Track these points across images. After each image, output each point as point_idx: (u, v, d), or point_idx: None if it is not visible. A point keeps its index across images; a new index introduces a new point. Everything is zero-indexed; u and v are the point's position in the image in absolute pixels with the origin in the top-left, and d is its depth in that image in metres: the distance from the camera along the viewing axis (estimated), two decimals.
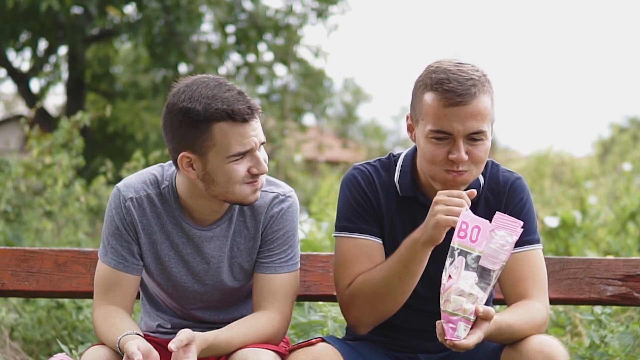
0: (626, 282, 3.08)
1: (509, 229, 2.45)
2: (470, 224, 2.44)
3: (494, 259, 2.43)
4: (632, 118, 25.67)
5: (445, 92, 2.53)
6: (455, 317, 2.38)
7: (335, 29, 15.84)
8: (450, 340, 2.38)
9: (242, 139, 2.55)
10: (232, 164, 2.56)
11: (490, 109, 2.59)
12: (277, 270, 2.70)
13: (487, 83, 2.59)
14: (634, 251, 6.63)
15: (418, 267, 2.58)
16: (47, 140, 6.55)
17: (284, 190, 2.75)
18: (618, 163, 12.13)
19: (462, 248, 2.42)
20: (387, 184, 2.74)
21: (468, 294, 2.39)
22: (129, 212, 2.67)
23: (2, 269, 3.11)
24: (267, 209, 2.71)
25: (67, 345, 3.92)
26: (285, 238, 2.71)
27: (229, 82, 2.59)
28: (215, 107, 2.52)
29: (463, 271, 2.41)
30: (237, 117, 2.53)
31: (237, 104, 2.54)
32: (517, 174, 2.77)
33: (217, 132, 2.53)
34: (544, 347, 2.50)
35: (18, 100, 18.97)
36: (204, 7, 13.77)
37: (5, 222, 6.41)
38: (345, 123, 29.37)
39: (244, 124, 2.54)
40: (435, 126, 2.56)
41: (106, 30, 14.10)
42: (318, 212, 7.36)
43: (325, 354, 2.59)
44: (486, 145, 2.60)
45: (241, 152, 2.56)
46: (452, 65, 2.57)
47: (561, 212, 7.29)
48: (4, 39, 13.33)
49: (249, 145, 2.56)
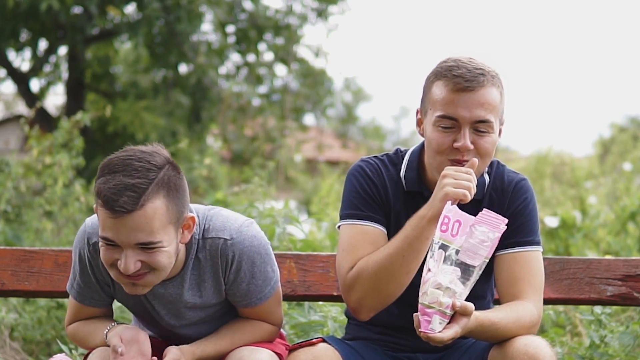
0: (626, 282, 3.08)
1: (490, 225, 2.43)
2: (452, 218, 2.44)
3: (473, 254, 2.41)
4: (633, 118, 25.68)
5: (454, 77, 2.58)
6: (430, 310, 2.37)
7: (335, 28, 15.87)
8: (424, 333, 2.37)
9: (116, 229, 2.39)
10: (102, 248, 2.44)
11: (499, 103, 2.62)
12: (259, 302, 2.64)
13: (497, 78, 2.63)
14: (634, 251, 6.63)
15: (422, 245, 2.55)
16: (47, 140, 6.55)
17: (231, 233, 2.57)
18: (618, 163, 12.13)
19: (442, 241, 2.42)
20: (394, 178, 2.74)
21: (445, 288, 2.37)
22: (94, 257, 2.59)
23: (2, 269, 3.10)
24: (220, 257, 2.57)
25: (67, 345, 3.92)
26: (250, 274, 2.59)
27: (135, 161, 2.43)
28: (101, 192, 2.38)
29: (442, 265, 2.40)
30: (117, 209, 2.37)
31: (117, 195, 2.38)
32: (523, 175, 2.77)
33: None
34: (529, 348, 2.47)
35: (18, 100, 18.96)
36: (204, 7, 13.77)
37: (5, 222, 6.41)
38: (345, 123, 29.35)
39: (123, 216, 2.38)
40: (442, 111, 2.59)
41: (106, 30, 14.09)
42: (318, 212, 7.37)
43: (325, 355, 2.59)
44: (492, 138, 2.61)
45: (105, 239, 2.42)
46: (465, 58, 2.64)
47: (561, 212, 7.30)
48: (4, 39, 13.32)
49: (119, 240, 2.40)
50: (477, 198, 2.66)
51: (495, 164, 2.77)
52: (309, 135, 16.96)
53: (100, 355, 2.57)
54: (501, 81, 2.65)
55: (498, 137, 2.65)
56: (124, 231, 2.37)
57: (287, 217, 4.52)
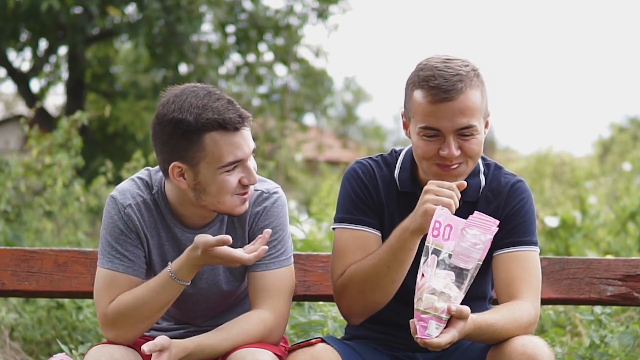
0: (626, 282, 3.08)
1: (482, 228, 2.44)
2: (443, 223, 2.44)
3: (466, 258, 2.41)
4: (632, 118, 25.67)
5: (431, 89, 2.54)
6: (426, 316, 2.37)
7: (336, 28, 15.85)
8: (421, 339, 2.37)
9: (234, 148, 2.54)
10: (224, 175, 2.55)
11: (481, 103, 2.59)
12: (268, 267, 2.68)
13: (475, 77, 2.58)
14: (634, 251, 6.63)
15: (407, 256, 2.58)
16: (47, 140, 6.55)
17: (268, 187, 2.74)
18: (618, 163, 12.13)
19: (435, 247, 2.42)
20: (388, 178, 2.75)
21: (440, 293, 2.37)
22: (130, 219, 2.65)
23: (2, 269, 3.10)
24: (251, 207, 2.69)
25: (67, 345, 3.92)
26: (272, 234, 2.67)
27: (217, 90, 2.57)
28: (206, 117, 2.50)
29: (436, 269, 2.40)
30: (228, 126, 2.52)
31: (227, 112, 2.52)
32: (520, 177, 2.77)
33: (209, 142, 2.52)
34: (527, 348, 2.47)
35: (18, 100, 18.96)
36: (204, 7, 13.78)
37: (5, 222, 6.41)
38: (345, 123, 29.34)
39: (235, 133, 2.53)
40: (423, 123, 2.57)
41: (106, 30, 14.11)
42: (318, 212, 7.37)
43: (324, 355, 2.58)
44: (478, 139, 2.60)
45: (233, 162, 2.55)
46: (440, 62, 2.58)
47: (561, 212, 7.29)
48: (5, 39, 13.34)
49: (241, 155, 2.55)
50: (472, 200, 2.68)
51: (492, 166, 2.77)
52: (309, 135, 16.94)
53: (98, 354, 2.56)
54: (480, 77, 2.61)
55: (485, 134, 2.65)
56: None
57: None
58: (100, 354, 2.55)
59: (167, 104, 2.55)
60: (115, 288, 2.62)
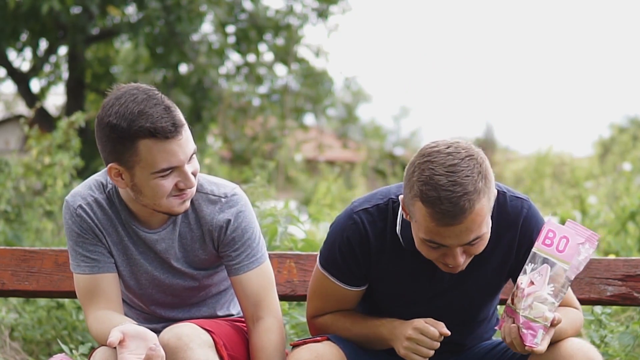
0: (626, 282, 3.08)
1: (591, 242, 2.49)
2: (557, 233, 2.47)
3: (576, 270, 2.48)
4: (632, 118, 25.66)
5: (437, 213, 2.38)
6: (537, 324, 2.43)
7: (336, 29, 15.85)
8: (529, 347, 2.42)
9: (168, 155, 2.55)
10: (158, 179, 2.57)
11: (488, 208, 2.44)
12: (249, 267, 2.73)
13: (480, 181, 2.40)
14: (634, 251, 6.62)
15: (379, 348, 2.70)
16: (47, 141, 6.56)
17: (226, 190, 2.74)
18: (618, 163, 12.12)
19: (549, 257, 2.46)
20: (384, 233, 2.64)
21: (550, 303, 2.44)
22: (83, 219, 2.69)
23: (2, 269, 3.11)
24: (216, 214, 2.71)
25: (67, 345, 3.92)
26: (244, 238, 2.72)
27: (157, 94, 2.57)
28: (139, 124, 2.52)
29: (547, 279, 2.45)
30: (159, 135, 2.52)
31: (161, 121, 2.52)
32: (524, 198, 2.64)
33: (142, 149, 2.54)
34: (584, 347, 2.56)
35: (18, 100, 18.95)
36: (204, 7, 13.77)
37: (5, 222, 6.41)
38: (345, 123, 29.32)
39: (170, 141, 2.54)
40: (428, 237, 2.46)
41: (107, 30, 14.10)
42: (316, 213, 7.37)
43: (329, 353, 2.60)
44: (484, 240, 2.48)
45: (166, 168, 2.57)
46: (444, 176, 2.38)
47: (561, 212, 7.29)
48: (5, 39, 13.33)
49: (176, 162, 2.57)
50: (482, 254, 2.57)
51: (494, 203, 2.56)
52: (309, 135, 16.94)
53: (105, 355, 2.57)
54: (484, 175, 2.42)
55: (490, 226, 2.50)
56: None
57: (288, 217, 4.52)
58: (107, 356, 2.57)
59: (106, 107, 2.57)
60: (91, 290, 2.68)
